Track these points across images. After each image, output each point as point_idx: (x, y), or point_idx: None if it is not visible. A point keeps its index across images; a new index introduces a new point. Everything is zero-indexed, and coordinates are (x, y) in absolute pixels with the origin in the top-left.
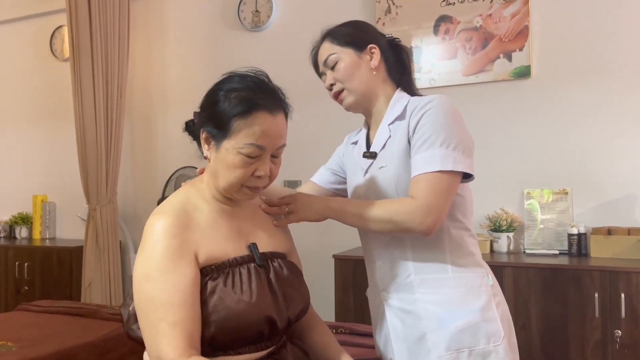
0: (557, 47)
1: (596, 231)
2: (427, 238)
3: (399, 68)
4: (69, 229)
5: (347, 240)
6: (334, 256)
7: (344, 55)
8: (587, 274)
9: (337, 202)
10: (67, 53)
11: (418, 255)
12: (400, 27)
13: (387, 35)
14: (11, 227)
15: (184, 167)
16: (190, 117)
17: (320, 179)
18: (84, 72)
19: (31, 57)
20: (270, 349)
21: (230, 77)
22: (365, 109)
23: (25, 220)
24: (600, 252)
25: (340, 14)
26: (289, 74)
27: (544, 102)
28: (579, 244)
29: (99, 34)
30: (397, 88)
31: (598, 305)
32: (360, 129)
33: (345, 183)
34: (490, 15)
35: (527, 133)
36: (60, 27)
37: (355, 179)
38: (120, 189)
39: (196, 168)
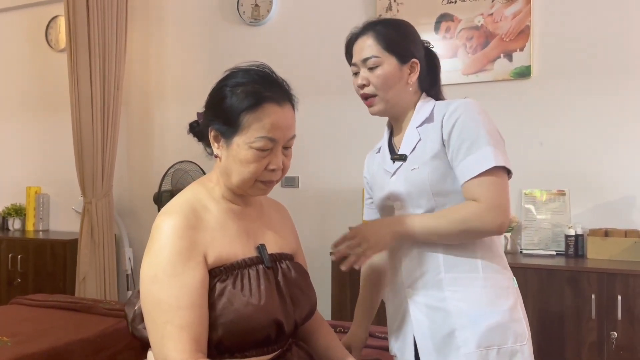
0: (557, 48)
1: (593, 232)
2: None
3: (429, 78)
4: (63, 222)
5: None
6: (331, 254)
7: (386, 64)
8: (584, 275)
9: (402, 226)
10: (62, 43)
11: (449, 253)
12: None
13: (425, 44)
14: (4, 218)
15: (181, 162)
16: (188, 110)
17: (371, 216)
18: (81, 63)
19: (26, 47)
20: (277, 352)
21: (234, 73)
22: (391, 116)
23: (18, 211)
24: (597, 253)
25: (341, 9)
26: (288, 69)
27: (544, 102)
28: (576, 245)
29: (96, 26)
30: (422, 93)
31: (594, 307)
32: (378, 143)
33: None
34: (492, 14)
35: (525, 133)
36: (55, 17)
37: (382, 184)
38: (116, 182)
39: (194, 162)
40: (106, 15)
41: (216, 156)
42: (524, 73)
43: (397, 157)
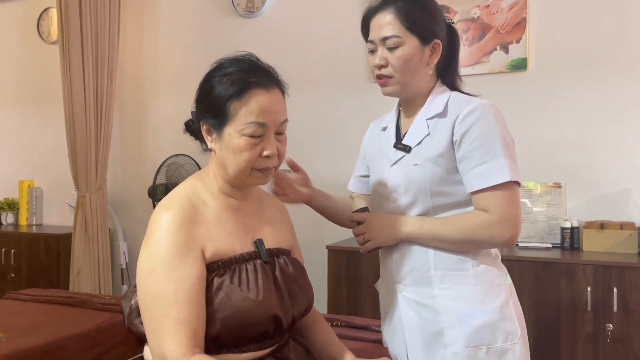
0: (554, 40)
1: (589, 225)
2: None
3: (446, 58)
4: (56, 216)
5: (341, 231)
6: (327, 247)
7: (408, 45)
8: (579, 268)
9: (411, 226)
10: (54, 36)
11: (440, 250)
12: None
13: (447, 20)
14: None
15: (176, 155)
16: (182, 103)
17: (355, 187)
18: (74, 55)
19: (18, 39)
20: (274, 347)
21: (220, 64)
22: (404, 98)
23: (11, 205)
24: (592, 246)
25: (336, 1)
26: (283, 61)
27: (540, 95)
28: (571, 238)
29: (88, 17)
30: (438, 79)
31: (590, 299)
32: (386, 115)
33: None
34: (488, 6)
35: (522, 126)
36: (47, 9)
37: (381, 169)
38: (110, 175)
39: (188, 156)
40: (99, 6)
41: (211, 150)
42: (520, 65)
43: (401, 147)
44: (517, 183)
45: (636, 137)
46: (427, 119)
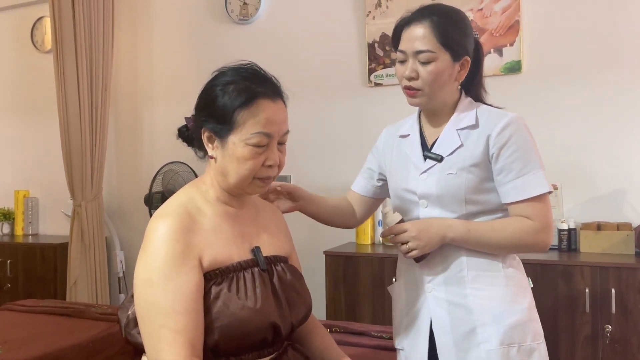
0: (547, 42)
1: (586, 226)
2: None
3: (471, 73)
4: (52, 225)
5: (338, 236)
6: (324, 252)
7: (440, 60)
8: (577, 270)
9: (458, 231)
10: (48, 45)
11: (472, 252)
12: (391, 20)
13: (474, 35)
14: None
15: (172, 162)
16: (177, 110)
17: (361, 189)
18: (68, 64)
19: (11, 48)
20: (273, 355)
21: (222, 72)
22: (429, 109)
23: (6, 216)
24: (589, 247)
25: (331, 6)
26: (277, 68)
27: (535, 97)
28: (569, 239)
29: (82, 26)
30: (462, 91)
31: (588, 301)
32: (405, 121)
33: (383, 181)
34: (481, 9)
35: None
36: (41, 18)
37: (406, 176)
38: (106, 184)
39: (184, 163)
40: (92, 15)
41: (211, 157)
42: (514, 68)
43: (433, 156)
44: (550, 192)
45: (631, 138)
46: (457, 130)
